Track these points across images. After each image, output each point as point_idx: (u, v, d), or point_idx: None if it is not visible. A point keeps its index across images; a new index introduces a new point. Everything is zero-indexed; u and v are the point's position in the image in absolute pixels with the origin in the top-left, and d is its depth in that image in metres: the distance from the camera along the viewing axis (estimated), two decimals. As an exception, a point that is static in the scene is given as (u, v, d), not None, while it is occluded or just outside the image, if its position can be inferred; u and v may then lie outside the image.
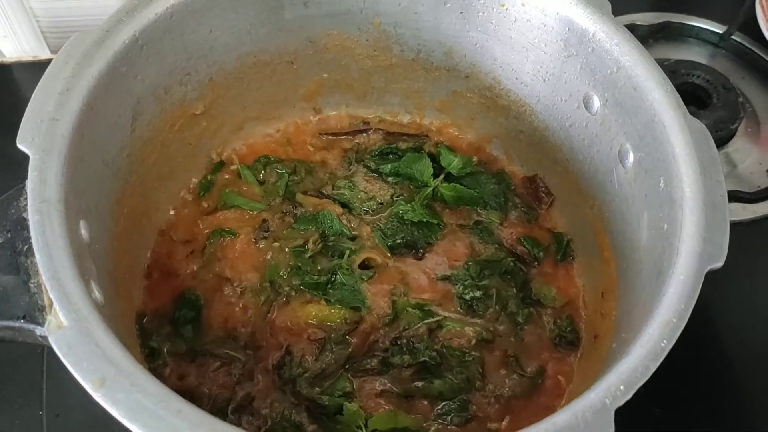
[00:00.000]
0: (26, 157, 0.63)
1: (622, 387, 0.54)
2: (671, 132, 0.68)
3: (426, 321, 0.82)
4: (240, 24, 0.84)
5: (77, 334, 0.54)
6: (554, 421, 0.53)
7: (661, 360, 0.56)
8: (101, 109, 0.70)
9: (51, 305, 0.56)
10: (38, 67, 1.14)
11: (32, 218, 0.59)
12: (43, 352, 0.86)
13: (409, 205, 0.90)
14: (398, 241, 0.88)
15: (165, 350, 0.79)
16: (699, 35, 1.23)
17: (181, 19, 0.77)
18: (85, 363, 0.53)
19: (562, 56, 0.81)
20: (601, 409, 0.53)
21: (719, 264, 0.61)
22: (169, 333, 0.80)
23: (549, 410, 0.76)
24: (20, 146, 0.63)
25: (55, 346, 0.54)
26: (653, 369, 0.55)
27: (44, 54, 1.17)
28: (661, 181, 0.68)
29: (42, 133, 0.64)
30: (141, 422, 0.51)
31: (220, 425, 0.52)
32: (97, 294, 0.61)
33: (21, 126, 0.64)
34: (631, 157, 0.75)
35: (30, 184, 0.61)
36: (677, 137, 0.67)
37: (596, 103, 0.79)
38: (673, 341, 0.56)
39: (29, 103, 0.66)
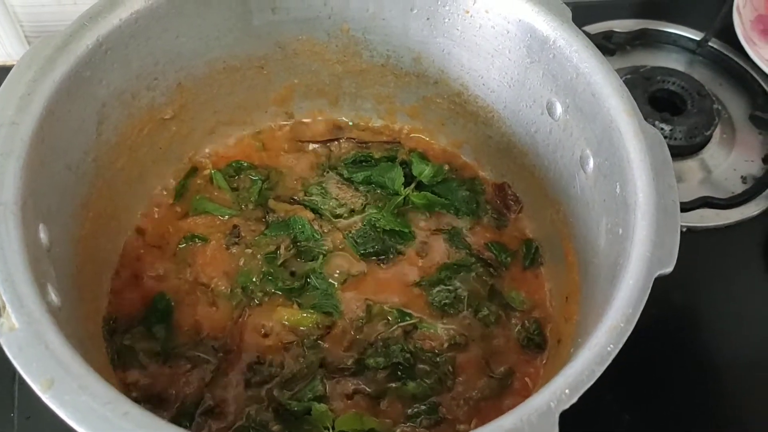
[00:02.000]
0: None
1: (567, 391, 0.54)
2: (626, 137, 0.68)
3: (401, 323, 0.83)
4: (207, 30, 0.84)
5: (28, 337, 0.55)
6: (500, 424, 0.54)
7: (607, 364, 0.56)
8: (64, 114, 0.71)
9: (4, 307, 0.56)
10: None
11: (-13, 222, 0.60)
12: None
13: (381, 213, 0.91)
14: (370, 249, 0.89)
15: (137, 349, 0.79)
16: (676, 42, 1.24)
17: (147, 24, 0.78)
18: (35, 364, 0.54)
19: (525, 62, 0.81)
20: (546, 412, 0.54)
21: (668, 269, 0.61)
22: (141, 334, 0.81)
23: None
24: (-21, 150, 0.64)
25: (6, 348, 0.55)
26: (599, 373, 0.55)
27: (27, 59, 1.17)
28: (617, 186, 0.69)
29: (1, 137, 0.64)
30: (87, 424, 0.51)
31: (166, 427, 0.52)
32: (53, 297, 0.62)
33: (-19, 130, 0.65)
34: (591, 163, 0.75)
35: (-14, 187, 0.62)
36: (632, 142, 0.68)
37: (558, 109, 0.79)
38: (620, 345, 0.57)
39: (-10, 108, 0.67)
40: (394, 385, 0.79)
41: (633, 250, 0.62)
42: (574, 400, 0.54)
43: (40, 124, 0.67)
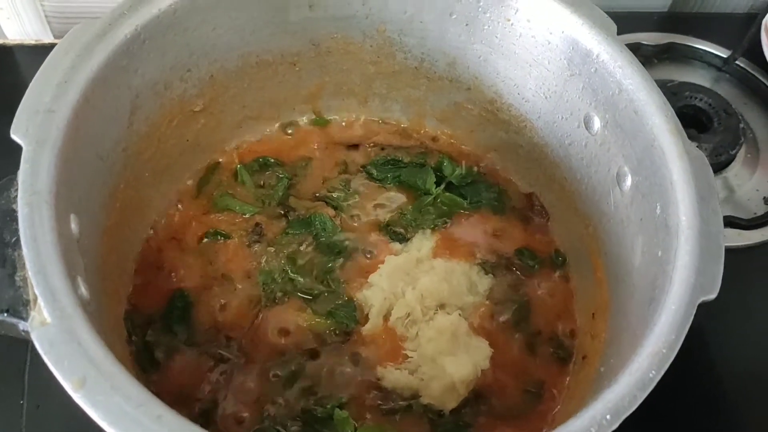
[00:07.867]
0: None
1: (608, 416, 0.53)
2: (670, 158, 0.67)
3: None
4: (244, 23, 0.83)
5: (60, 332, 0.54)
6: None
7: (649, 390, 0.55)
8: (99, 102, 0.69)
9: (35, 300, 0.55)
10: (40, 51, 1.14)
11: (21, 211, 0.58)
12: (27, 343, 0.85)
13: (407, 208, 0.92)
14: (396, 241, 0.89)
15: (157, 346, 0.79)
16: (703, 58, 1.23)
17: (185, 15, 0.77)
18: (66, 362, 0.53)
19: (564, 75, 0.80)
20: (585, 437, 0.53)
21: (712, 296, 0.60)
22: (161, 330, 0.80)
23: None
24: (14, 136, 0.62)
25: (37, 343, 0.54)
26: (641, 399, 0.55)
27: (47, 38, 1.17)
28: (658, 207, 0.68)
29: (37, 125, 0.63)
30: (120, 426, 0.50)
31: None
32: (83, 290, 0.61)
33: (16, 116, 0.63)
34: (628, 180, 0.74)
35: (21, 175, 0.60)
36: (676, 164, 0.67)
37: (597, 123, 0.78)
38: (662, 372, 0.56)
39: (26, 93, 0.65)
40: (419, 399, 0.78)
41: (675, 274, 0.61)
42: (615, 426, 0.53)
43: (76, 112, 0.66)
